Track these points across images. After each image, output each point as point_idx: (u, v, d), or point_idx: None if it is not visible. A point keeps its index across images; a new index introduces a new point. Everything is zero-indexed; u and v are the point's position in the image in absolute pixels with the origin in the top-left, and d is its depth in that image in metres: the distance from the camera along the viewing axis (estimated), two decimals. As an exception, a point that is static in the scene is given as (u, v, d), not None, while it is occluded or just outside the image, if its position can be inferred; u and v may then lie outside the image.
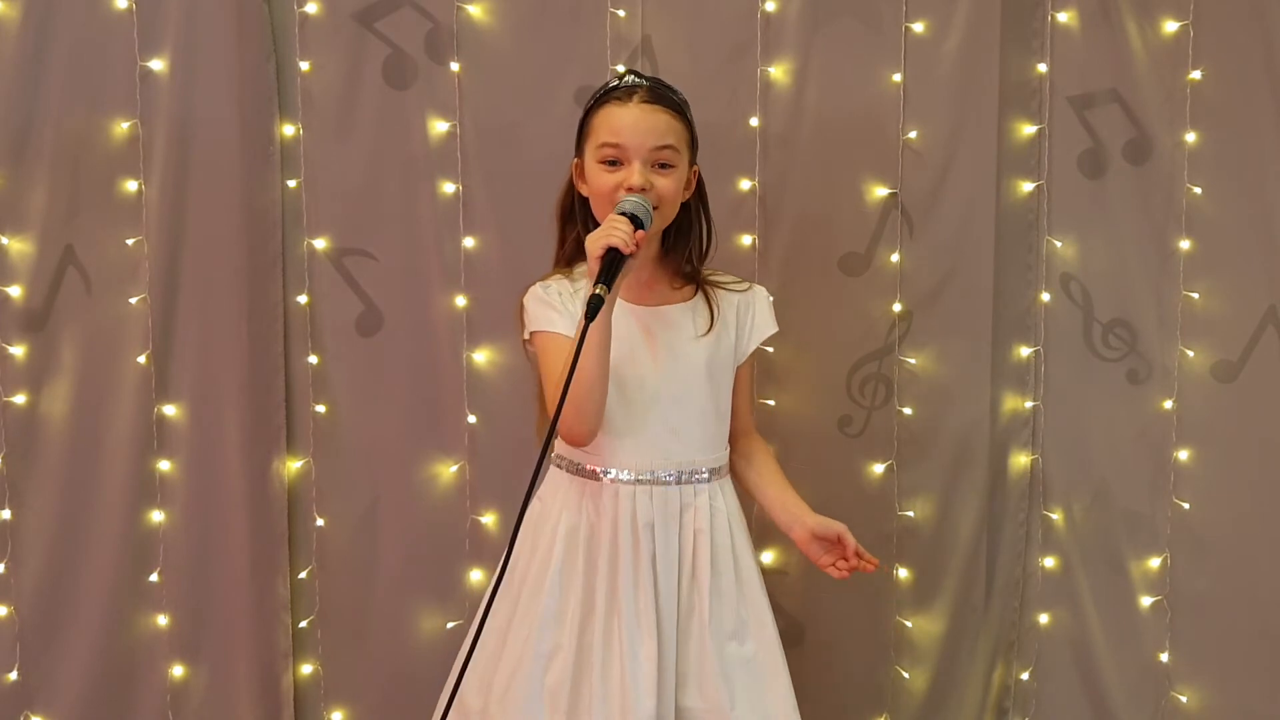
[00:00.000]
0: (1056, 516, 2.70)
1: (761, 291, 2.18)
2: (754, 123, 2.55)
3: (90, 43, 2.45)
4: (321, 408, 2.58)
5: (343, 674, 2.64)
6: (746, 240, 2.58)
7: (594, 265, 1.86)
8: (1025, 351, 2.67)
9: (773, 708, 2.04)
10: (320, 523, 2.60)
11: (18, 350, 2.50)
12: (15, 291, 2.49)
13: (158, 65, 2.47)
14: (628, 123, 1.99)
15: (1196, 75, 2.55)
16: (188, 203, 2.50)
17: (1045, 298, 2.66)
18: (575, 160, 2.08)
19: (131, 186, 2.49)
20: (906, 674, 2.69)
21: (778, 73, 2.55)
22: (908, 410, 2.63)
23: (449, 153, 2.54)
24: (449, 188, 2.54)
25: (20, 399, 2.51)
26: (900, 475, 2.65)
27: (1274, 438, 2.57)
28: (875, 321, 2.62)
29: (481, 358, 2.56)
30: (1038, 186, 2.64)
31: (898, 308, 2.61)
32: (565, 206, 2.13)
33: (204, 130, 2.48)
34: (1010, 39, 2.58)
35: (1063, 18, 2.58)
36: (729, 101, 2.54)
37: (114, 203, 2.49)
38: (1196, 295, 2.59)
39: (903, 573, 2.67)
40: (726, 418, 2.12)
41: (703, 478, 2.06)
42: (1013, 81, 2.59)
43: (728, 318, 2.11)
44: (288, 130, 2.53)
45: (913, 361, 2.63)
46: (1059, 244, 2.64)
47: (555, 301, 2.03)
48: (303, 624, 2.63)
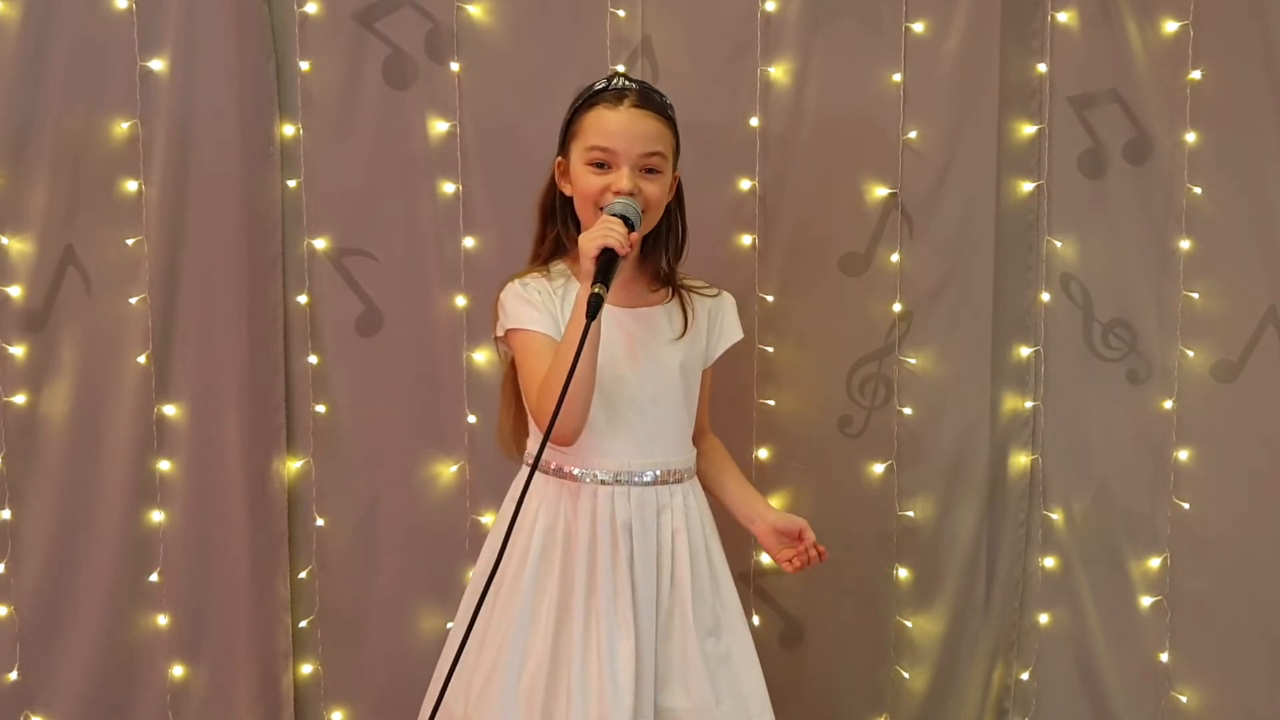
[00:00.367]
0: (1056, 516, 2.70)
1: (729, 298, 2.21)
2: (754, 123, 2.55)
3: (90, 43, 2.45)
4: (321, 408, 2.58)
5: (342, 674, 2.64)
6: (746, 240, 2.58)
7: (588, 265, 1.86)
8: (1025, 351, 2.67)
9: (751, 703, 2.06)
10: (320, 523, 2.60)
11: (18, 350, 2.50)
12: (15, 291, 2.49)
13: (158, 65, 2.47)
14: (618, 127, 2.00)
15: (1196, 75, 2.55)
16: (188, 203, 2.50)
17: (1045, 298, 2.66)
18: (559, 159, 2.09)
19: (131, 186, 2.49)
20: (906, 674, 2.69)
21: (778, 73, 2.55)
22: (908, 410, 2.63)
23: (449, 153, 2.54)
24: (449, 188, 2.54)
25: (20, 399, 2.51)
26: (900, 475, 2.65)
27: (1274, 438, 2.57)
28: (875, 321, 2.62)
29: (481, 358, 2.56)
30: (1038, 186, 2.64)
31: (898, 308, 2.61)
32: (546, 204, 2.13)
33: (204, 130, 2.48)
34: (1010, 39, 2.58)
35: (1063, 18, 2.58)
36: (729, 101, 2.54)
37: (114, 203, 2.49)
38: (1196, 295, 2.59)
39: (903, 573, 2.67)
40: (695, 419, 2.14)
41: (678, 478, 2.07)
42: (1013, 81, 2.59)
43: (700, 321, 2.13)
44: (288, 130, 2.53)
45: (913, 361, 2.63)
46: (1059, 244, 2.64)
47: (535, 299, 2.03)
48: (303, 624, 2.63)
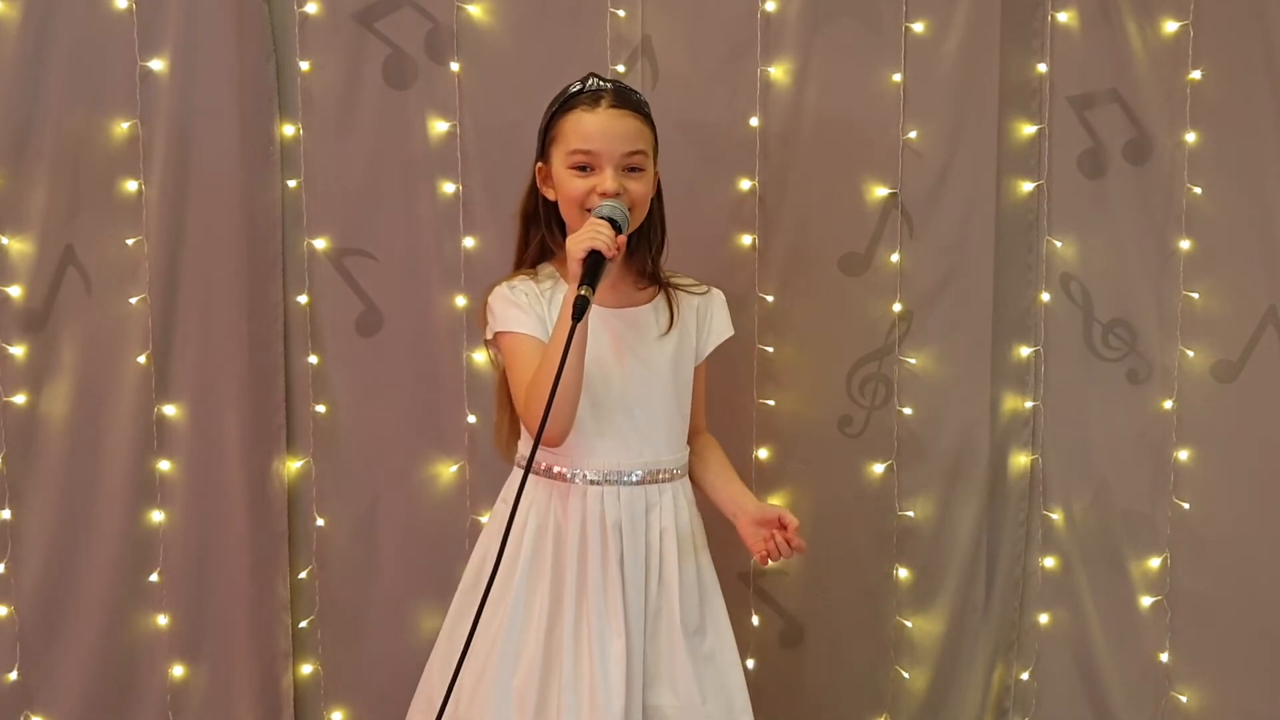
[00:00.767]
0: (1056, 516, 2.70)
1: (719, 295, 2.20)
2: (754, 123, 2.55)
3: (90, 43, 2.45)
4: (321, 408, 2.58)
5: (343, 674, 2.64)
6: (746, 240, 2.58)
7: (575, 268, 1.87)
8: (1025, 351, 2.67)
9: (735, 702, 2.08)
10: (320, 523, 2.60)
11: (18, 350, 2.50)
12: (15, 291, 2.49)
13: (158, 65, 2.47)
14: (599, 129, 2.00)
15: (1196, 75, 2.55)
16: (188, 203, 2.50)
17: (1045, 298, 2.66)
18: (539, 164, 2.09)
19: (131, 186, 2.49)
20: (906, 674, 2.69)
21: (778, 73, 2.55)
22: (908, 410, 2.63)
23: (449, 153, 2.54)
24: (449, 188, 2.54)
25: (20, 399, 2.51)
26: (900, 475, 2.65)
27: (1274, 438, 2.57)
28: (875, 321, 2.62)
29: (481, 358, 2.56)
30: (1038, 186, 2.64)
31: (898, 308, 2.61)
32: (528, 209, 2.14)
33: (204, 130, 2.48)
34: (1010, 39, 2.58)
35: (1063, 18, 2.58)
36: (729, 101, 2.54)
37: (114, 203, 2.49)
38: (1196, 295, 2.59)
39: (903, 573, 2.67)
40: (688, 418, 2.14)
41: (667, 477, 2.08)
42: (1013, 81, 2.59)
43: (687, 319, 2.13)
44: (288, 130, 2.53)
45: (913, 361, 2.63)
46: (1059, 244, 2.64)
47: (522, 302, 2.04)
48: (303, 624, 2.63)
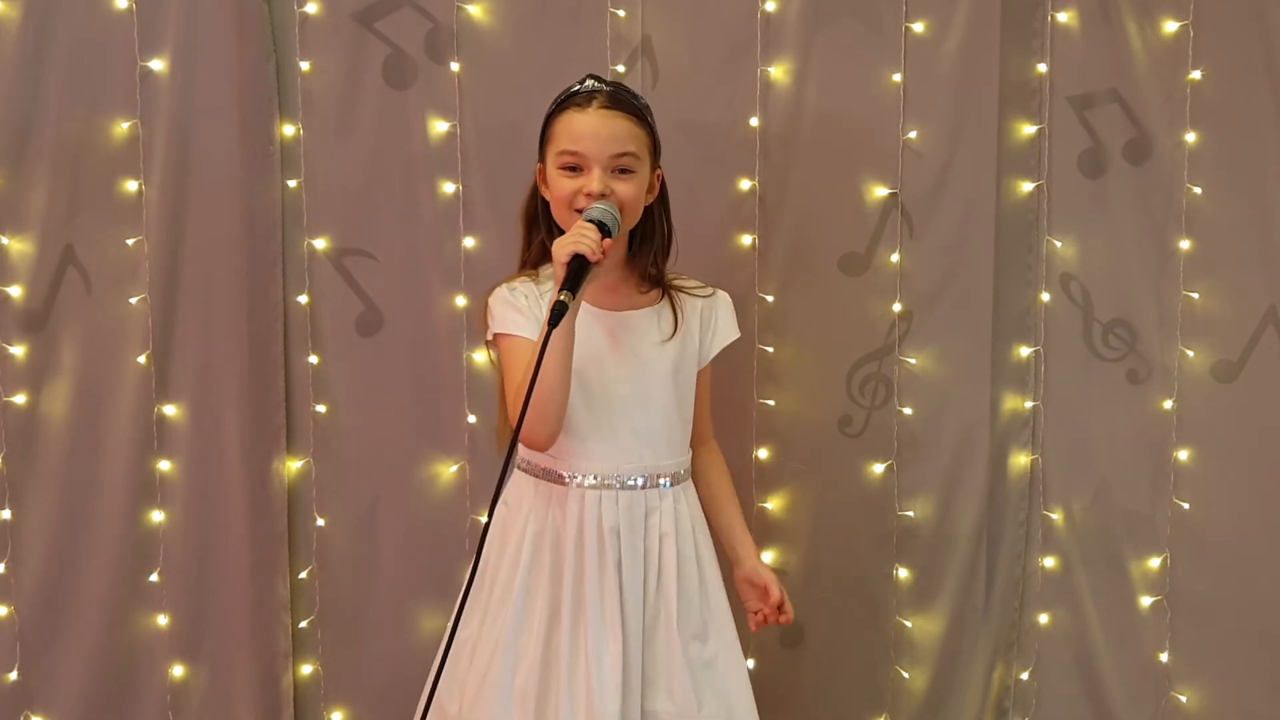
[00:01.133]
0: (1056, 516, 2.70)
1: (724, 297, 2.19)
2: (754, 123, 2.55)
3: (90, 43, 2.45)
4: (321, 408, 2.58)
5: (343, 674, 2.64)
6: (746, 240, 2.58)
7: (559, 271, 1.86)
8: (1025, 351, 2.67)
9: (736, 708, 2.06)
10: (320, 523, 2.60)
11: (18, 350, 2.50)
12: (15, 291, 2.49)
13: (158, 65, 2.47)
14: (587, 130, 1.99)
15: (1196, 75, 2.55)
16: (188, 203, 2.49)
17: (1045, 298, 2.66)
18: (539, 165, 2.09)
19: (131, 186, 2.49)
20: (906, 674, 2.69)
21: (778, 73, 2.55)
22: (908, 410, 2.63)
23: (449, 153, 2.54)
24: (449, 188, 2.54)
25: (20, 399, 2.51)
26: (900, 475, 2.64)
27: (1274, 438, 2.57)
28: (875, 321, 2.61)
29: (481, 358, 2.56)
30: (1038, 186, 2.64)
31: (898, 308, 2.61)
32: (530, 210, 2.14)
33: (204, 130, 2.48)
34: (1010, 39, 2.58)
35: (1063, 18, 2.58)
36: (729, 101, 2.54)
37: (114, 203, 2.49)
38: (1196, 295, 2.59)
39: (903, 573, 2.67)
40: (690, 422, 2.13)
41: (667, 482, 2.06)
42: (1013, 81, 2.59)
43: (691, 322, 2.12)
44: (288, 130, 2.53)
45: (913, 361, 2.63)
46: (1059, 244, 2.64)
47: (521, 304, 2.03)
48: (303, 624, 2.63)
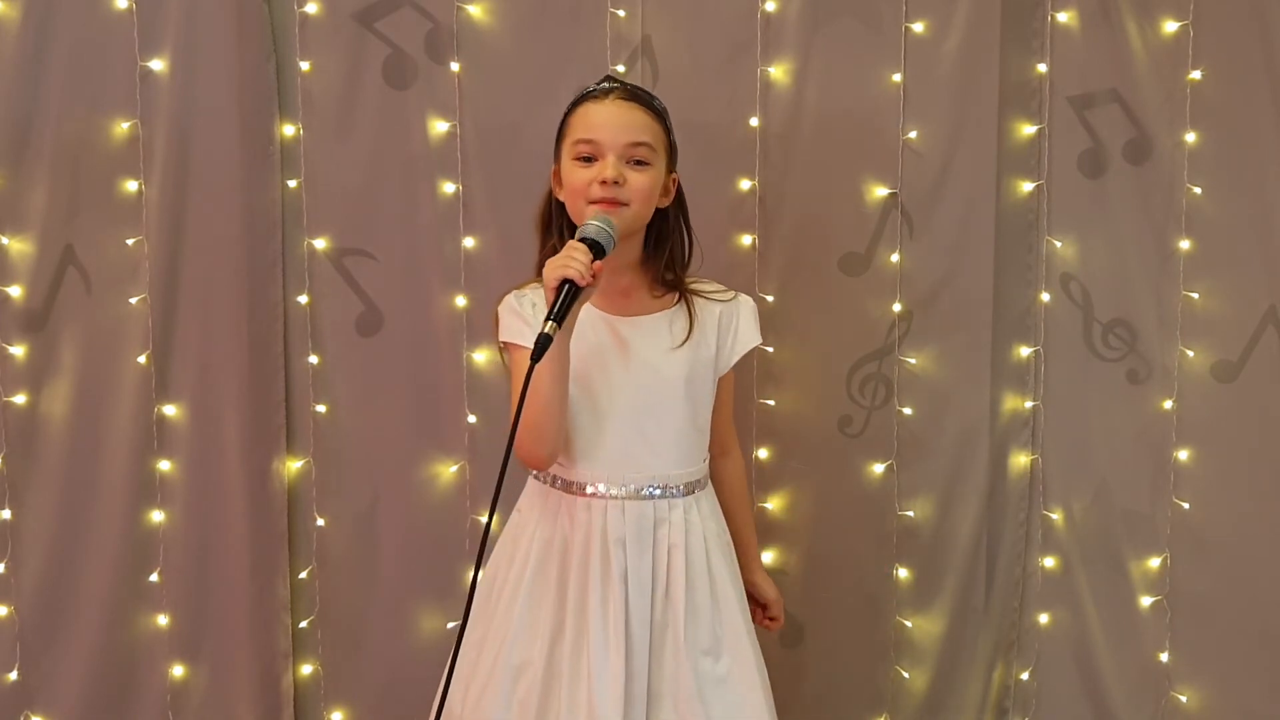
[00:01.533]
0: (1056, 516, 2.70)
1: (747, 302, 2.12)
2: (754, 123, 2.55)
3: (90, 43, 2.45)
4: (321, 408, 2.58)
5: (342, 674, 2.64)
6: (746, 240, 2.58)
7: (549, 296, 1.82)
8: (1025, 351, 2.67)
9: None
10: (320, 523, 2.60)
11: (18, 350, 2.50)
12: (15, 291, 2.49)
13: (158, 65, 2.47)
14: (603, 118, 1.98)
15: (1196, 75, 2.55)
16: (188, 203, 2.50)
17: (1045, 298, 2.66)
18: (554, 167, 2.06)
19: (131, 186, 2.49)
20: (906, 674, 2.69)
21: (778, 73, 2.55)
22: (908, 410, 2.63)
23: (449, 153, 2.54)
24: (449, 188, 2.54)
25: (20, 399, 2.51)
26: (900, 475, 2.65)
27: (1274, 438, 2.57)
28: (875, 321, 2.61)
29: (481, 358, 2.56)
30: (1038, 186, 2.64)
31: (898, 308, 2.61)
32: (545, 215, 2.10)
33: (204, 130, 2.48)
34: (1010, 39, 2.58)
35: (1063, 18, 2.58)
36: (729, 101, 2.54)
37: (114, 203, 2.49)
38: (1196, 295, 2.59)
39: (903, 573, 2.67)
40: (705, 431, 2.07)
41: (677, 492, 2.00)
42: (1013, 81, 2.59)
43: (707, 328, 2.05)
44: (288, 130, 2.53)
45: (913, 361, 2.63)
46: (1059, 244, 2.64)
47: (527, 314, 1.99)
48: (303, 624, 2.63)
